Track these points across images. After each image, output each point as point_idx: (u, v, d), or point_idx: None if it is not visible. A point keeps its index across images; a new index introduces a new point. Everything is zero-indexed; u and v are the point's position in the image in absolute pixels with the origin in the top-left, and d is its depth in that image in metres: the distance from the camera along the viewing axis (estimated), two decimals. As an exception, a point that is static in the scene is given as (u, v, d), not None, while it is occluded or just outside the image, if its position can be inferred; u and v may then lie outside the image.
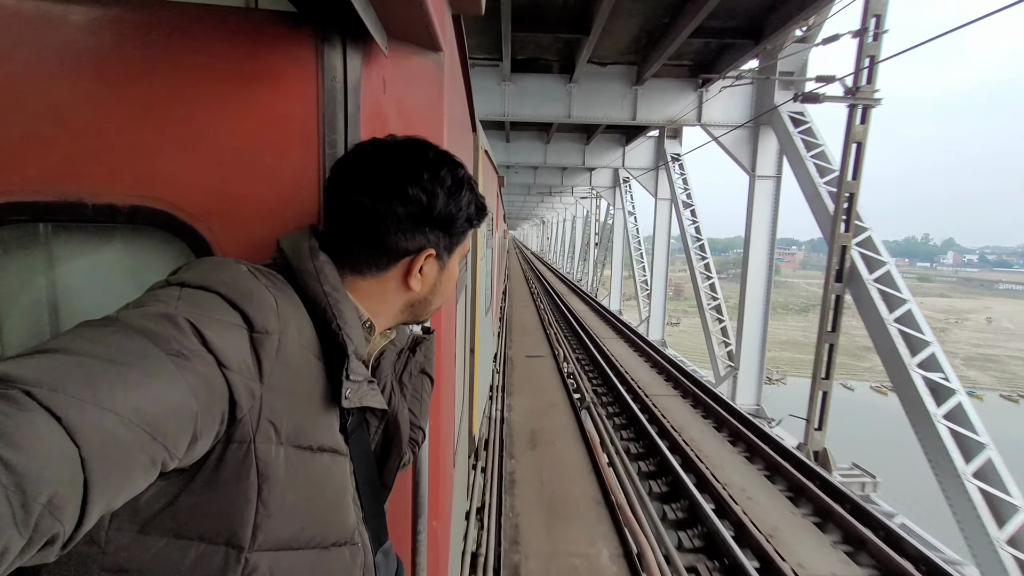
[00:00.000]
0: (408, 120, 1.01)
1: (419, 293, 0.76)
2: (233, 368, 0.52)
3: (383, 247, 0.71)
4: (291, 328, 0.60)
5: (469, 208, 0.76)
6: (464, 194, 0.75)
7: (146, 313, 0.50)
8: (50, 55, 0.79)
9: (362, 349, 0.69)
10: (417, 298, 0.77)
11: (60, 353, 0.43)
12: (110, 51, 0.81)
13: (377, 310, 0.75)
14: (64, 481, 0.37)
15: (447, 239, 0.75)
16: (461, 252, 0.81)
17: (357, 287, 0.72)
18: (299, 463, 0.60)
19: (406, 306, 0.78)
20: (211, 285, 0.55)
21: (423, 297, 0.78)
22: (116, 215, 0.82)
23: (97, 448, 0.39)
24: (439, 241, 0.74)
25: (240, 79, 0.86)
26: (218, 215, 0.86)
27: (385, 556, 0.79)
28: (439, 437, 1.20)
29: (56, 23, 0.79)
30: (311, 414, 0.63)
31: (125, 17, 0.82)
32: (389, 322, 0.78)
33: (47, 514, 0.36)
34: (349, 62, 0.89)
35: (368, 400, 0.69)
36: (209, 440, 0.51)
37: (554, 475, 5.54)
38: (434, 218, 0.72)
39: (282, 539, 0.59)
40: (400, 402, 0.86)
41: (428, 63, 1.03)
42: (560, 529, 4.52)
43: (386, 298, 0.75)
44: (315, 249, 0.69)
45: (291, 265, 0.68)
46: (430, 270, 0.75)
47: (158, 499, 0.52)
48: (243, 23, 0.86)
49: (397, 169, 0.70)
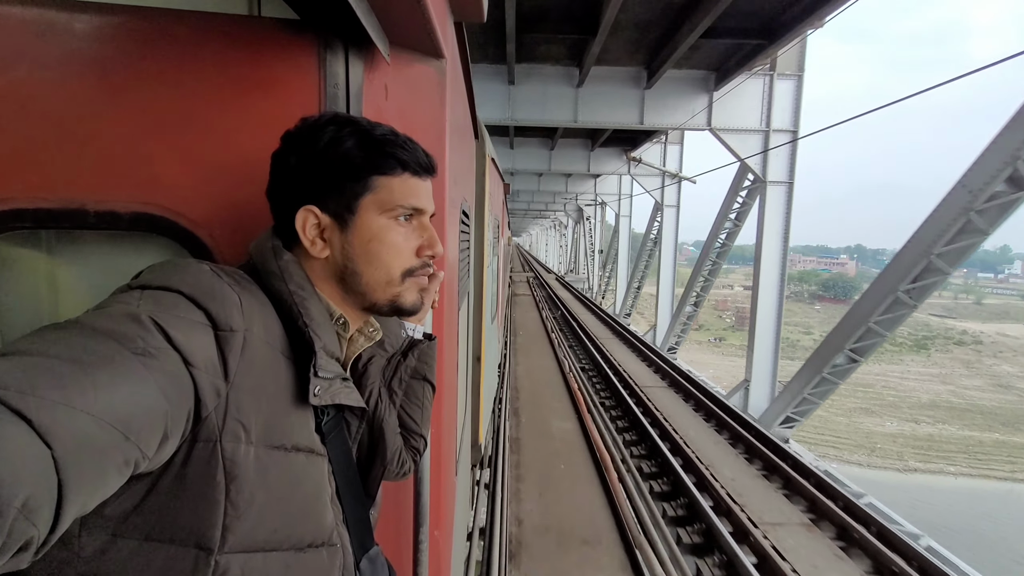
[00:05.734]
0: (410, 126, 1.01)
1: (333, 261, 0.70)
2: (199, 366, 0.51)
3: (280, 217, 0.71)
4: (257, 326, 0.59)
5: (339, 148, 0.67)
6: (323, 135, 0.68)
7: (110, 314, 0.50)
8: (54, 63, 0.80)
9: (332, 346, 0.68)
10: (336, 268, 0.71)
11: (25, 355, 0.42)
12: (113, 59, 0.82)
13: (323, 290, 0.72)
14: (38, 484, 0.36)
15: (333, 191, 0.68)
16: (379, 207, 0.70)
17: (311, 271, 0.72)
18: (271, 463, 0.59)
19: (336, 281, 0.72)
20: (173, 285, 0.55)
21: (341, 265, 0.70)
22: (118, 222, 0.82)
23: (71, 449, 0.39)
24: (324, 194, 0.68)
25: (243, 86, 0.86)
26: (220, 222, 0.86)
27: (371, 563, 0.77)
28: (441, 445, 1.19)
29: (60, 31, 0.80)
30: (283, 413, 0.62)
31: (128, 25, 0.82)
32: (347, 309, 0.74)
33: (21, 518, 0.35)
34: (351, 69, 0.89)
35: (341, 398, 0.68)
36: (177, 440, 0.50)
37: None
38: (292, 172, 0.68)
39: (254, 540, 0.57)
40: (388, 410, 0.83)
41: (430, 70, 1.03)
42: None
43: (314, 273, 0.71)
44: (278, 248, 0.68)
45: (256, 266, 0.68)
46: (331, 232, 0.69)
47: (126, 501, 0.51)
48: (246, 31, 0.87)
49: (291, 135, 0.71)
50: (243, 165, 0.86)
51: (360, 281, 0.71)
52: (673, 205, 18.88)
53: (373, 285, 0.72)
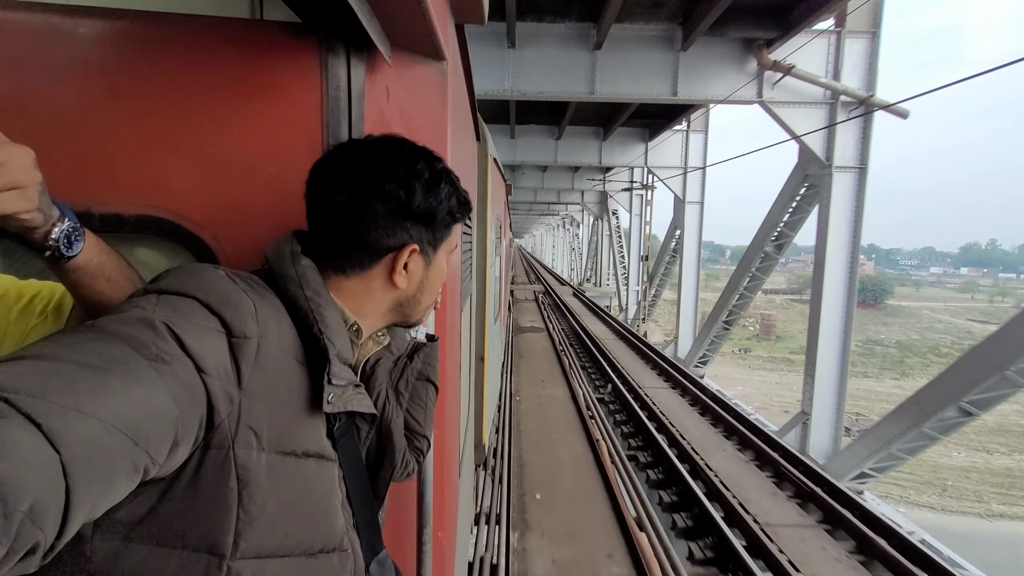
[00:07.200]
0: (411, 128, 1.02)
1: (406, 291, 0.75)
2: (212, 373, 0.51)
3: (364, 245, 0.70)
4: (271, 332, 0.60)
5: (450, 201, 0.75)
6: (443, 187, 0.74)
7: (124, 319, 0.50)
8: (58, 67, 0.80)
9: (346, 353, 0.69)
10: (405, 296, 0.76)
11: (38, 359, 0.42)
12: (117, 63, 0.82)
13: (364, 310, 0.74)
14: (46, 488, 0.36)
15: (430, 234, 0.75)
16: (448, 248, 0.80)
17: (342, 287, 0.71)
18: (282, 469, 0.59)
19: (394, 305, 0.77)
20: (188, 290, 0.55)
21: (411, 295, 0.76)
22: (122, 224, 0.82)
23: (79, 454, 0.39)
24: (422, 236, 0.74)
25: (245, 89, 0.86)
26: (223, 224, 0.86)
27: (380, 566, 0.77)
28: (444, 446, 1.19)
29: (65, 35, 0.80)
30: (295, 419, 0.62)
31: (132, 29, 0.83)
32: (378, 323, 0.77)
33: (28, 522, 0.35)
34: (353, 71, 0.90)
35: (354, 404, 0.68)
36: (188, 446, 0.50)
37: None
38: (413, 212, 0.71)
39: (265, 546, 0.57)
40: (395, 411, 0.84)
41: (431, 72, 1.04)
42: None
43: (373, 297, 0.74)
44: (296, 254, 0.69)
45: (274, 271, 0.68)
46: (416, 267, 0.74)
47: (139, 507, 0.51)
48: (248, 34, 0.87)
49: (373, 165, 0.70)
50: (246, 167, 0.86)
51: (418, 307, 0.79)
52: (697, 201, 16.06)
53: (423, 310, 0.80)
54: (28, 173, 0.50)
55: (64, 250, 0.59)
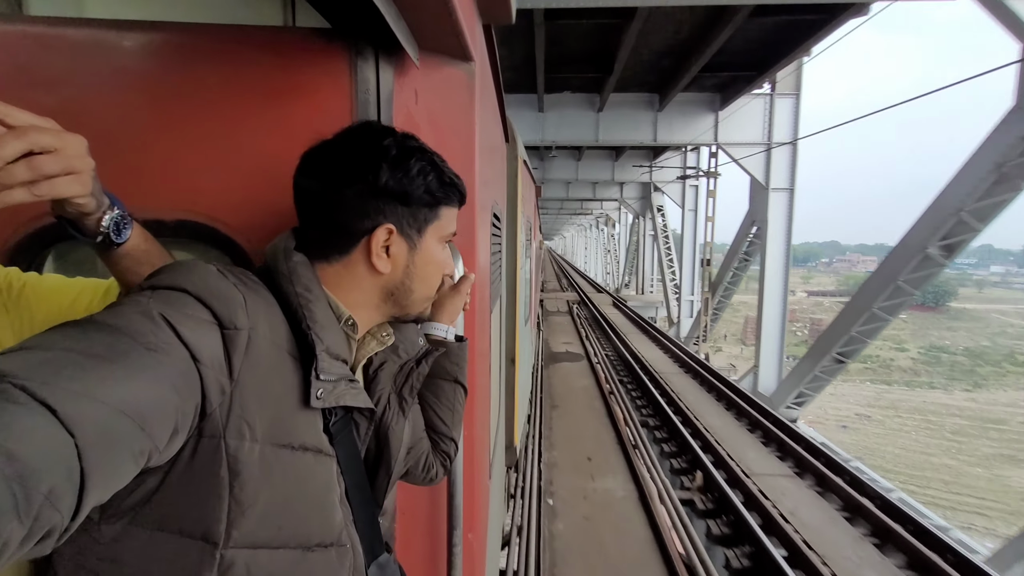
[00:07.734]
0: (439, 129, 1.02)
1: (392, 277, 0.73)
2: (205, 363, 0.53)
3: (337, 227, 0.70)
4: (262, 325, 0.60)
5: (426, 179, 0.72)
6: (413, 163, 0.71)
7: (121, 312, 0.51)
8: (102, 79, 0.84)
9: (337, 348, 0.68)
10: (392, 284, 0.74)
11: (45, 349, 0.44)
12: (157, 73, 0.85)
13: (353, 300, 0.73)
14: (62, 472, 0.37)
15: (409, 215, 0.72)
16: (439, 233, 0.76)
17: (328, 275, 0.71)
18: (276, 461, 0.60)
19: (385, 295, 0.75)
20: (180, 284, 0.56)
21: (399, 282, 0.74)
22: (163, 230, 0.85)
23: (92, 439, 0.40)
24: (400, 217, 0.71)
25: (278, 95, 0.88)
26: (258, 228, 0.88)
27: (381, 569, 0.77)
28: (473, 448, 1.18)
29: (109, 49, 0.84)
30: (289, 412, 0.62)
31: (172, 41, 0.86)
32: (374, 316, 0.76)
33: (48, 505, 0.36)
34: (382, 74, 0.90)
35: (347, 399, 0.68)
36: (185, 434, 0.52)
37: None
38: (381, 190, 0.69)
39: (258, 537, 0.58)
40: (396, 417, 0.81)
41: (459, 73, 1.03)
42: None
43: (359, 285, 0.72)
44: (288, 250, 0.69)
45: (269, 268, 0.69)
46: (398, 250, 0.72)
47: (140, 492, 0.53)
48: (281, 41, 0.89)
49: (339, 148, 0.70)
50: (279, 172, 0.88)
51: (411, 297, 0.77)
52: (785, 188, 12.08)
53: (418, 301, 0.78)
54: (83, 159, 0.52)
55: (114, 236, 0.62)
